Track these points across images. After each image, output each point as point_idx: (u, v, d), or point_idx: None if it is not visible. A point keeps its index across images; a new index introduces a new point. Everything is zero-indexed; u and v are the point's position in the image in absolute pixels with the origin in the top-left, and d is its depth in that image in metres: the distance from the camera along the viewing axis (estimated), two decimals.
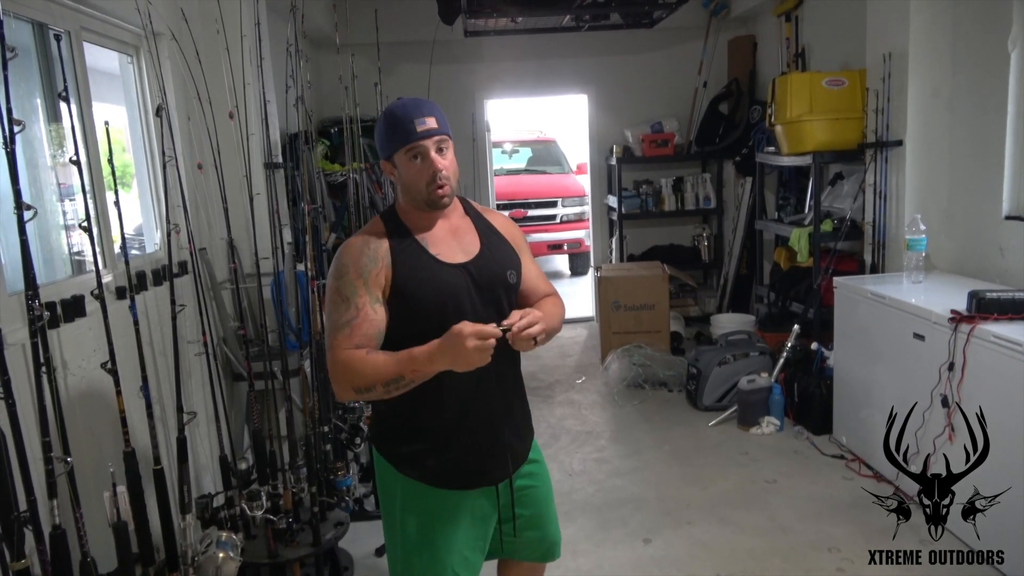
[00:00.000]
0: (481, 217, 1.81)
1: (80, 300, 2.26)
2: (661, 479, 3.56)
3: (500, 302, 1.71)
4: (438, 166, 1.61)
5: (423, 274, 1.64)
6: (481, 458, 1.73)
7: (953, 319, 2.80)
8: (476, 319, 1.54)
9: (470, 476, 1.74)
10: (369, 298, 1.60)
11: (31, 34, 2.40)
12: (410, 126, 1.59)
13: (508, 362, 1.74)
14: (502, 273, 1.72)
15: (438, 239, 1.69)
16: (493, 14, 4.91)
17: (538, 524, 1.89)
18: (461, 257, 1.69)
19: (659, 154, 6.09)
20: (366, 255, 1.62)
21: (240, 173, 2.89)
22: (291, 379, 3.21)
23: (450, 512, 1.73)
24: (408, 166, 1.62)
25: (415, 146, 1.60)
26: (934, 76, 3.67)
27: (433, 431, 1.71)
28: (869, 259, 4.02)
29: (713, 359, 4.39)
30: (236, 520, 2.54)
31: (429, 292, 1.63)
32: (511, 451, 1.77)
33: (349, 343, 1.57)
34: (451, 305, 1.63)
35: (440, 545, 1.73)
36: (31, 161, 2.43)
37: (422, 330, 1.58)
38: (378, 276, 1.61)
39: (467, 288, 1.66)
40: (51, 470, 1.61)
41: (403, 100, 1.66)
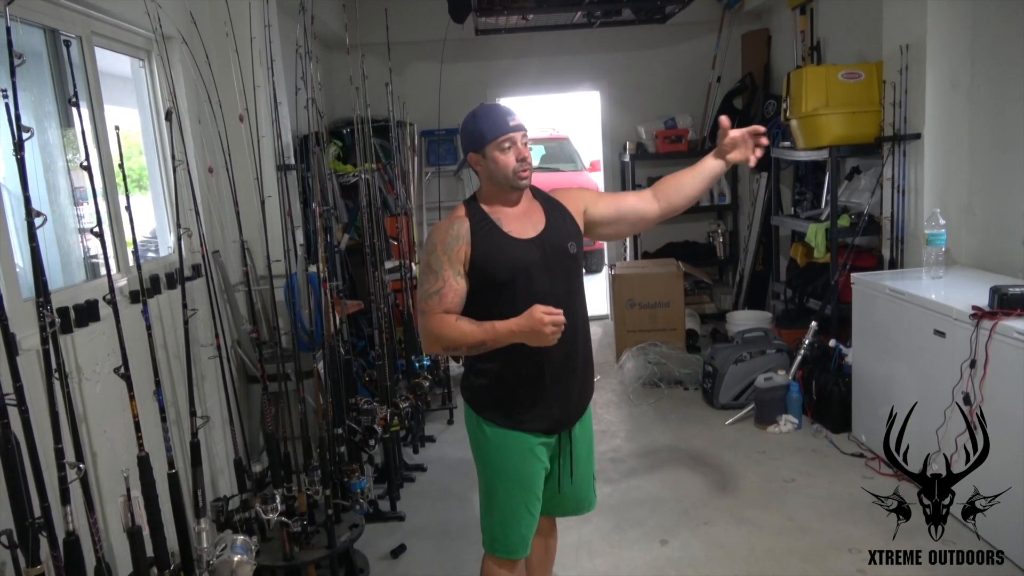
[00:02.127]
0: (548, 198, 2.07)
1: (94, 305, 2.27)
2: (678, 478, 3.53)
3: (567, 269, 1.99)
4: (525, 154, 1.91)
5: (497, 248, 1.91)
6: (557, 407, 2.00)
7: (975, 315, 2.75)
8: (544, 285, 1.91)
9: (546, 422, 2.00)
10: (452, 271, 1.89)
11: (43, 40, 2.41)
12: (505, 120, 1.90)
13: (573, 321, 1.92)
14: (564, 245, 1.98)
15: (511, 219, 1.96)
16: (504, 12, 4.89)
17: (578, 478, 2.13)
18: (530, 233, 1.96)
19: (673, 150, 6.04)
20: (450, 234, 1.91)
21: (252, 175, 2.88)
22: (305, 380, 3.21)
23: (527, 453, 2.00)
24: (500, 154, 1.89)
25: (510, 137, 1.89)
26: (953, 67, 3.61)
27: (512, 382, 1.97)
28: (887, 254, 3.96)
29: (729, 357, 4.35)
30: (251, 523, 2.54)
31: (503, 263, 1.90)
32: (575, 405, 2.06)
33: (439, 308, 1.87)
34: (521, 274, 1.91)
35: (518, 483, 2.01)
36: (49, 166, 2.44)
37: (499, 297, 1.90)
38: (459, 252, 1.89)
39: (536, 259, 1.93)
40: (64, 476, 1.61)
41: (490, 103, 2.00)
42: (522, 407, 1.98)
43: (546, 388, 1.97)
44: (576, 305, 2.00)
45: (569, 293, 1.98)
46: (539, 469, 2.04)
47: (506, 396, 1.99)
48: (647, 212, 2.11)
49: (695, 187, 2.11)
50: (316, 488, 2.73)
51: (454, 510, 3.36)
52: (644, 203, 2.12)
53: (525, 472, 2.01)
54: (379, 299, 3.68)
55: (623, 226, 2.15)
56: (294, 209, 3.28)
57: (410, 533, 3.17)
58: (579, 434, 2.12)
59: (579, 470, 2.13)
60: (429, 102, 4.91)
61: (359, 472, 2.92)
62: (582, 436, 2.14)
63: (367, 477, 2.98)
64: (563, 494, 2.14)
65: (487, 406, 2.02)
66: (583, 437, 2.14)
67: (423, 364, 4.06)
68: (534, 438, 2.00)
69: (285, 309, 3.32)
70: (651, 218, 2.13)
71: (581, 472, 2.15)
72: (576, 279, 2.04)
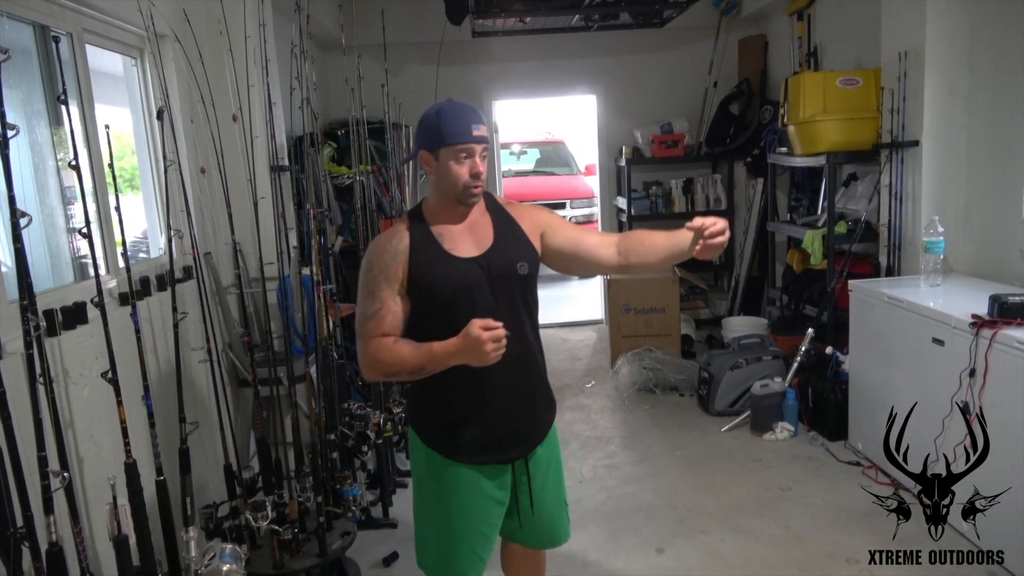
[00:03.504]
0: (501, 211, 1.91)
1: (82, 307, 2.22)
2: (673, 486, 3.50)
3: (512, 293, 1.83)
4: (481, 168, 1.77)
5: (436, 268, 1.77)
6: (497, 436, 1.85)
7: (975, 324, 2.73)
8: (487, 309, 1.73)
9: (486, 452, 1.86)
10: (390, 291, 1.76)
11: (32, 36, 2.36)
12: (467, 127, 1.73)
13: (522, 347, 1.84)
14: (512, 265, 1.82)
15: (454, 234, 1.82)
16: (501, 14, 4.86)
17: (544, 508, 1.99)
18: (474, 251, 1.81)
19: (669, 155, 6.02)
20: (387, 252, 1.78)
21: (245, 177, 2.84)
22: (297, 385, 3.17)
23: (466, 485, 1.86)
24: (453, 163, 1.75)
25: (468, 147, 1.74)
26: (951, 74, 3.60)
27: (454, 407, 1.84)
28: (884, 261, 3.95)
29: (725, 363, 4.32)
30: (241, 530, 2.50)
31: (442, 285, 1.76)
32: (526, 432, 1.91)
33: (377, 331, 1.74)
34: (462, 296, 1.77)
35: (456, 516, 1.88)
36: (39, 165, 2.39)
37: (439, 319, 1.75)
38: (396, 271, 1.76)
39: (478, 280, 1.78)
40: (47, 485, 1.56)
41: (456, 103, 1.79)
42: (468, 437, 1.84)
43: (493, 417, 1.83)
44: (524, 330, 1.84)
45: (515, 317, 1.80)
46: (488, 506, 1.89)
47: (451, 425, 1.85)
48: (604, 260, 1.93)
49: (660, 256, 1.90)
50: (308, 495, 2.69)
51: None
52: (604, 250, 1.92)
53: (472, 508, 1.87)
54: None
55: (576, 265, 1.97)
56: (288, 211, 3.23)
57: (403, 540, 3.12)
58: (538, 463, 1.95)
59: (543, 501, 1.98)
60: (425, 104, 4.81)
61: (351, 479, 2.88)
62: (543, 465, 1.97)
63: (359, 484, 2.94)
64: (530, 527, 2.00)
65: (432, 434, 1.89)
66: (545, 466, 1.98)
67: None
68: (481, 472, 1.87)
69: (278, 312, 3.27)
70: (606, 267, 1.96)
71: (547, 503, 2.00)
72: (524, 302, 1.86)
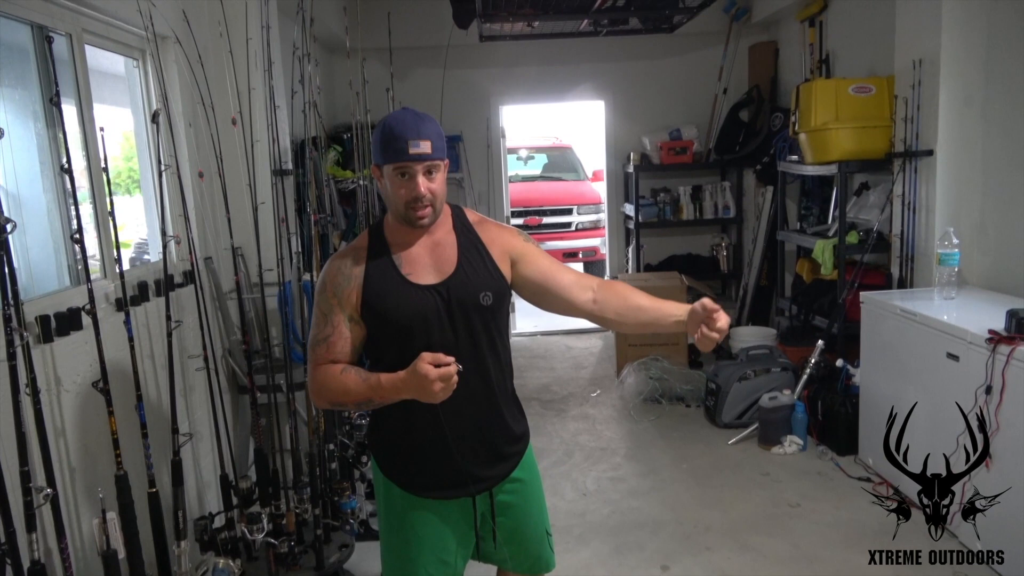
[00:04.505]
0: (469, 232, 1.75)
1: (76, 313, 2.17)
2: (679, 500, 3.43)
3: (472, 324, 1.68)
4: (421, 191, 1.60)
5: (390, 294, 1.64)
6: (454, 470, 1.73)
7: (991, 339, 2.65)
8: (444, 341, 1.62)
9: (443, 486, 1.75)
10: (343, 316, 1.65)
11: (30, 36, 2.32)
12: (403, 145, 1.57)
13: (480, 379, 1.71)
14: (474, 295, 1.67)
15: (413, 257, 1.69)
16: (509, 19, 4.81)
17: (518, 540, 1.87)
18: (433, 278, 1.67)
19: (677, 162, 5.96)
20: (342, 274, 1.66)
21: (245, 181, 2.79)
22: (296, 392, 3.11)
23: (424, 517, 1.76)
24: (393, 182, 1.61)
25: (403, 166, 1.59)
26: (967, 83, 3.53)
27: (409, 439, 1.73)
28: (897, 273, 3.87)
29: (733, 374, 4.25)
30: (236, 543, 2.44)
31: (395, 313, 1.64)
32: (485, 469, 1.77)
33: (326, 358, 1.64)
34: (418, 326, 1.64)
35: (413, 547, 1.77)
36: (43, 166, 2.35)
37: (394, 348, 1.64)
38: (350, 295, 1.65)
39: (435, 310, 1.65)
40: (30, 502, 1.51)
41: (404, 113, 1.62)
42: (423, 473, 1.74)
43: (449, 454, 1.70)
44: (484, 362, 1.70)
45: (476, 349, 1.68)
46: (446, 537, 1.78)
47: (406, 458, 1.75)
48: (576, 302, 1.77)
49: (638, 320, 1.75)
50: (305, 506, 2.64)
51: None
52: (578, 292, 1.77)
53: (427, 538, 1.77)
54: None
55: (545, 300, 1.80)
56: (289, 215, 3.18)
57: None
58: (507, 495, 1.83)
59: (518, 532, 1.86)
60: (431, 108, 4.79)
61: (350, 491, 2.82)
62: (517, 496, 1.84)
63: (358, 496, 2.88)
64: (509, 555, 1.87)
65: (388, 466, 1.78)
66: (520, 497, 1.85)
67: None
68: (440, 505, 1.76)
69: (278, 318, 3.22)
70: (577, 310, 1.78)
71: (523, 533, 1.88)
72: (488, 334, 1.70)
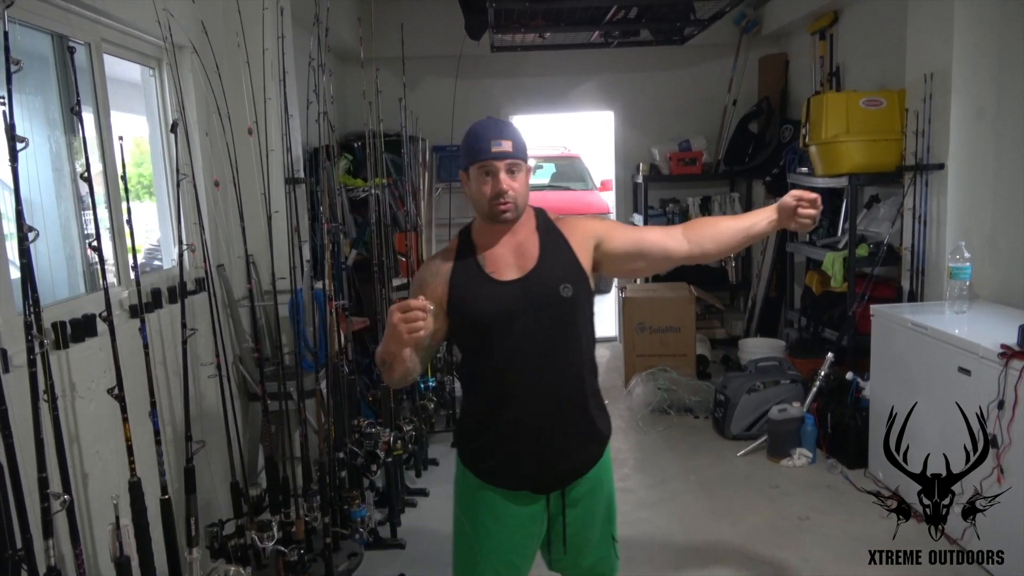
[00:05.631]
0: (552, 229, 1.83)
1: (92, 319, 2.18)
2: (688, 513, 3.42)
3: (552, 316, 1.74)
4: (503, 186, 1.70)
5: (474, 291, 1.74)
6: (531, 464, 1.78)
7: (1004, 354, 2.64)
8: (527, 334, 1.71)
9: (520, 479, 1.79)
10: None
11: (50, 46, 2.35)
12: (486, 145, 1.70)
13: (561, 372, 1.77)
14: (555, 287, 1.74)
15: (497, 256, 1.77)
16: (521, 30, 4.84)
17: (581, 541, 1.88)
18: (515, 274, 1.76)
19: (687, 172, 5.97)
20: (430, 270, 1.80)
21: (259, 190, 2.81)
22: (306, 400, 3.12)
23: (497, 510, 1.81)
24: (478, 181, 1.72)
25: (486, 164, 1.70)
26: (978, 96, 3.53)
27: (490, 431, 1.79)
28: (907, 286, 3.86)
29: (742, 386, 4.24)
30: (246, 550, 2.44)
31: (478, 307, 1.73)
32: (564, 464, 1.80)
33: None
34: (499, 320, 1.72)
35: (485, 542, 1.82)
36: (58, 173, 2.38)
37: (480, 344, 1.76)
38: (435, 289, 1.75)
39: (516, 303, 1.72)
40: (47, 508, 1.52)
41: (487, 120, 1.76)
42: (498, 462, 1.79)
43: (528, 446, 1.75)
44: (566, 356, 1.77)
45: (555, 342, 1.74)
46: (518, 536, 1.82)
47: (486, 449, 1.80)
48: (673, 251, 1.83)
49: (735, 240, 1.86)
50: (315, 514, 2.64)
51: None
52: (671, 240, 1.84)
53: (497, 534, 1.81)
54: (386, 318, 3.59)
55: (642, 263, 1.88)
56: (302, 224, 3.20)
57: (410, 562, 3.06)
58: (579, 496, 1.84)
59: (585, 535, 1.88)
60: (442, 117, 4.85)
61: (360, 499, 2.82)
62: (587, 499, 1.86)
63: (368, 504, 2.88)
64: (569, 560, 1.89)
65: (468, 455, 1.85)
66: (589, 499, 1.86)
67: (428, 385, 3.97)
68: (512, 499, 1.80)
69: (289, 326, 3.23)
70: (676, 258, 1.84)
71: (589, 537, 1.89)
72: (568, 326, 1.77)
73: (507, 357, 1.73)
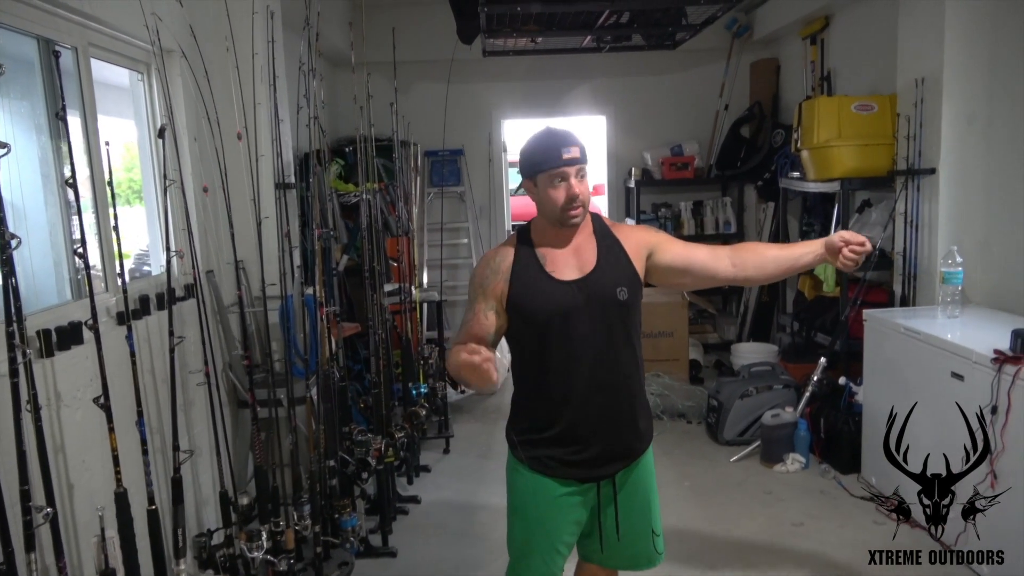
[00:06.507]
0: (608, 235, 1.91)
1: (78, 327, 2.15)
2: (682, 518, 3.40)
3: (608, 318, 1.82)
4: (576, 191, 1.77)
5: (534, 289, 1.81)
6: (584, 458, 1.85)
7: (997, 359, 2.64)
8: (583, 334, 1.79)
9: (569, 468, 1.86)
10: (485, 305, 1.83)
11: (36, 49, 2.32)
12: (558, 152, 1.76)
13: (614, 371, 1.84)
14: (612, 290, 1.82)
15: (557, 256, 1.85)
16: (513, 34, 4.83)
17: (623, 532, 1.94)
18: (575, 274, 1.83)
19: (679, 177, 5.98)
20: (490, 267, 1.85)
21: (249, 195, 2.78)
22: (297, 407, 3.09)
23: (546, 499, 1.89)
24: (550, 188, 1.78)
25: (560, 171, 1.77)
26: (970, 102, 3.53)
27: (543, 423, 1.87)
28: (899, 290, 3.87)
29: (735, 391, 4.23)
30: (235, 560, 2.41)
31: (537, 306, 1.80)
32: (613, 455, 1.88)
33: (463, 338, 1.81)
34: (558, 319, 1.79)
35: (532, 527, 1.91)
36: (46, 178, 2.35)
37: (536, 340, 1.82)
38: (495, 287, 1.83)
39: (576, 303, 1.80)
40: (29, 521, 1.49)
41: (551, 129, 1.83)
42: (551, 452, 1.87)
43: (579, 437, 1.85)
44: (619, 356, 1.85)
45: (611, 342, 1.83)
46: (564, 521, 1.91)
47: (538, 439, 1.88)
48: (718, 272, 1.91)
49: (779, 269, 1.92)
50: (305, 523, 2.61)
51: (448, 546, 3.23)
52: (717, 262, 1.91)
53: (547, 521, 1.90)
54: (377, 324, 3.57)
55: (688, 279, 1.96)
56: (292, 229, 3.17)
57: (402, 571, 3.03)
58: (626, 487, 1.93)
59: (627, 525, 1.95)
60: (434, 122, 4.84)
61: (351, 507, 2.80)
62: (631, 489, 1.94)
63: (358, 513, 2.85)
64: (611, 549, 1.98)
65: (520, 443, 1.93)
66: (632, 490, 1.95)
67: (420, 392, 3.95)
68: (563, 486, 1.88)
69: (279, 332, 3.20)
70: (720, 279, 1.94)
71: (631, 527, 1.96)
72: (623, 328, 1.85)
73: (564, 356, 1.81)
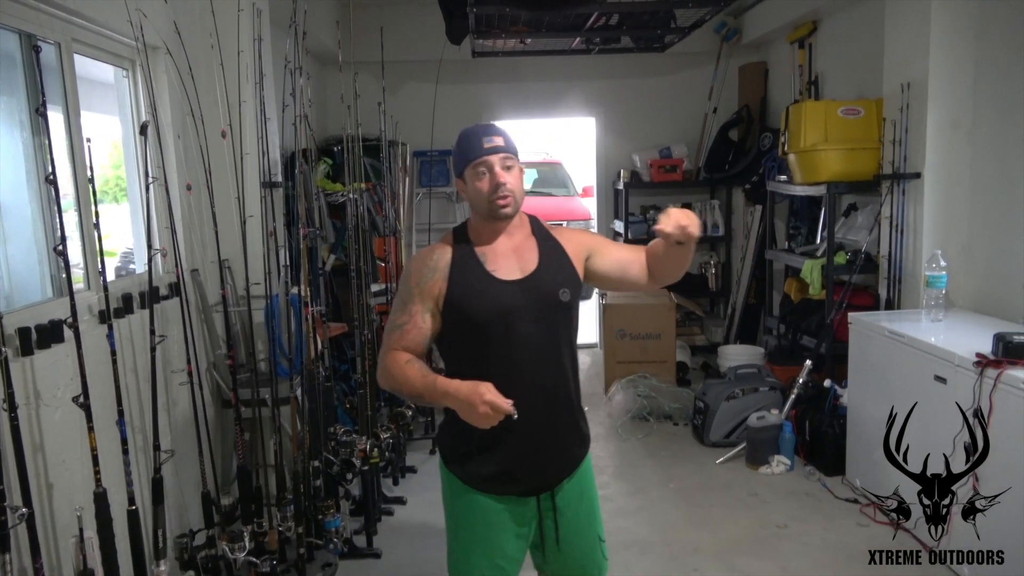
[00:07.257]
0: (548, 236, 1.86)
1: (58, 325, 2.13)
2: (667, 520, 3.40)
3: (551, 319, 1.77)
4: (501, 179, 1.72)
5: (475, 289, 1.73)
6: (522, 468, 1.79)
7: (979, 363, 2.66)
8: (526, 335, 1.72)
9: (507, 483, 1.80)
10: (422, 307, 1.74)
11: (18, 44, 2.29)
12: (479, 143, 1.73)
13: (553, 377, 1.79)
14: (555, 291, 1.77)
15: (497, 255, 1.78)
16: (502, 35, 4.82)
17: (571, 543, 1.88)
18: (516, 274, 1.77)
19: (667, 179, 5.99)
20: (427, 266, 1.76)
21: (234, 194, 2.76)
22: (281, 407, 3.08)
23: (486, 515, 1.81)
24: (475, 179, 1.74)
25: (482, 161, 1.72)
26: (955, 107, 3.56)
27: (476, 434, 1.71)
28: (884, 294, 3.89)
29: (721, 393, 4.25)
30: (217, 561, 2.40)
31: (479, 306, 1.72)
32: (552, 465, 1.82)
33: (399, 344, 1.73)
34: (500, 320, 1.71)
35: (470, 546, 1.83)
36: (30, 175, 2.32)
37: (475, 343, 1.73)
38: (433, 287, 1.74)
39: (519, 304, 1.73)
40: (4, 522, 1.47)
41: (474, 125, 1.80)
42: (488, 467, 1.78)
43: (516, 448, 1.75)
44: (561, 360, 1.79)
45: (552, 345, 1.77)
46: (505, 538, 1.82)
47: (472, 453, 1.79)
48: (641, 281, 1.89)
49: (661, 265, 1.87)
50: (288, 524, 2.60)
51: (433, 548, 3.21)
52: (641, 271, 1.89)
53: (485, 538, 1.82)
54: (363, 324, 3.55)
55: (619, 286, 1.93)
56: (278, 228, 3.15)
57: (386, 572, 3.02)
58: (567, 497, 1.86)
59: (572, 536, 1.88)
60: (422, 122, 4.83)
61: (335, 508, 2.78)
62: (573, 499, 1.88)
63: (343, 514, 2.83)
64: (559, 561, 1.91)
65: (453, 460, 1.84)
66: (575, 500, 1.88)
67: None
68: (501, 503, 1.80)
69: (264, 332, 3.18)
70: (642, 287, 1.91)
71: (576, 537, 1.89)
72: (564, 330, 1.80)
73: (504, 359, 1.73)
